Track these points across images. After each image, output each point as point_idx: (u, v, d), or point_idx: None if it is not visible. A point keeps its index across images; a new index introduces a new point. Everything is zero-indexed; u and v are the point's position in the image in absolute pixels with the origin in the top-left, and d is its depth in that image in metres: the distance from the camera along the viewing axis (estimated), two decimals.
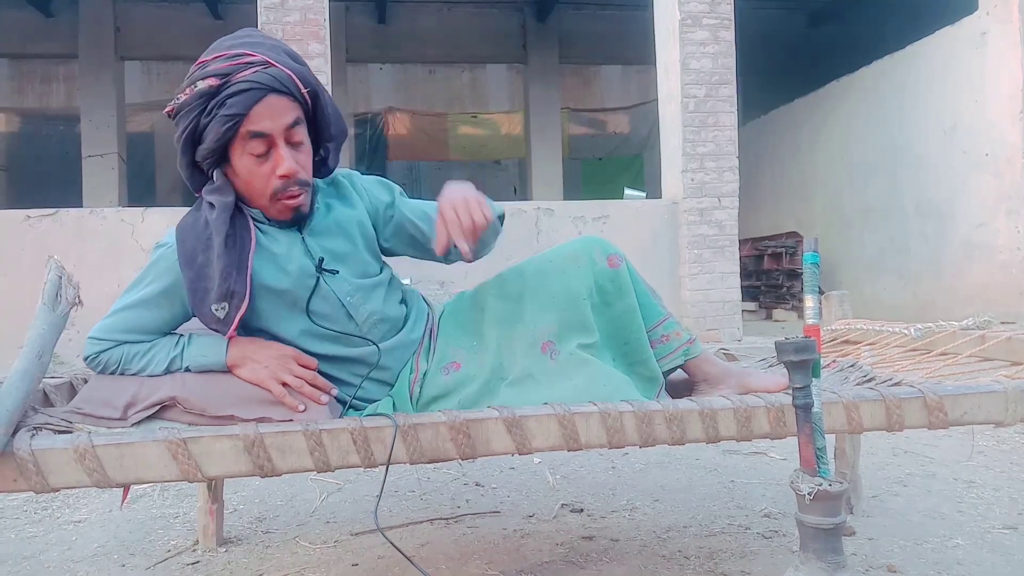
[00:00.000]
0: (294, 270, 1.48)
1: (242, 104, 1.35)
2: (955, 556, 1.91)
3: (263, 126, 1.37)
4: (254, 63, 1.37)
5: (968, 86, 6.75)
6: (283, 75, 1.37)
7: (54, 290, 1.34)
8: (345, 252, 1.55)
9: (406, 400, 1.56)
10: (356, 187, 1.65)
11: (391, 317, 1.60)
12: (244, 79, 1.35)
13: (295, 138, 1.41)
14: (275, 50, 1.42)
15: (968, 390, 1.48)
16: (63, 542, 2.16)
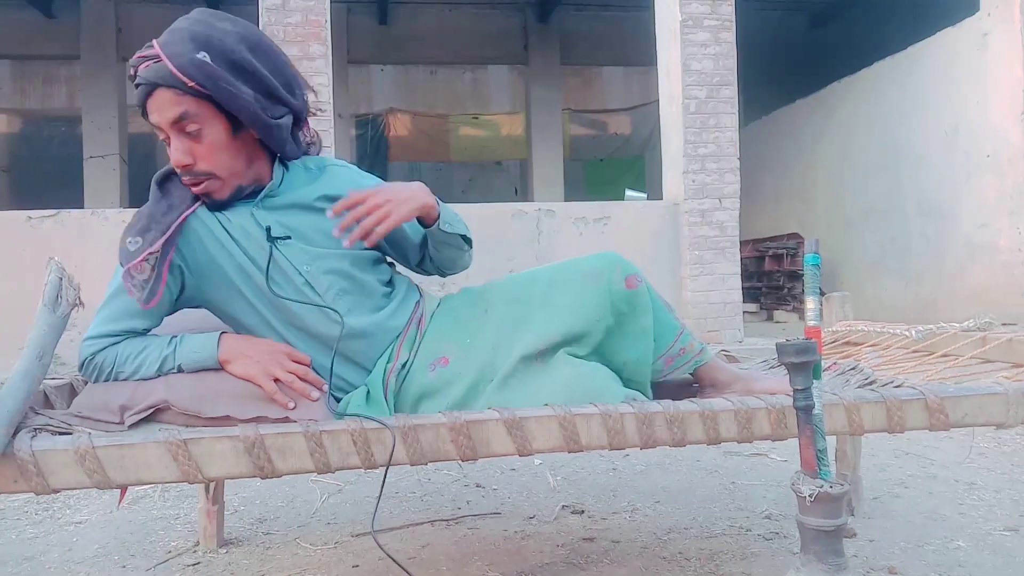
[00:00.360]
0: (246, 240, 1.49)
1: (138, 98, 1.42)
2: (956, 558, 1.90)
3: (153, 119, 1.42)
4: (148, 57, 1.40)
5: (970, 87, 6.75)
6: (164, 70, 1.37)
7: (55, 291, 1.34)
8: (306, 228, 1.53)
9: (379, 390, 1.51)
10: (345, 174, 1.65)
11: (364, 287, 1.56)
12: (139, 74, 1.40)
13: (188, 129, 1.41)
14: (183, 39, 1.40)
15: (969, 392, 1.48)
16: (64, 543, 2.16)
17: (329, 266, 1.52)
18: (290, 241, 1.50)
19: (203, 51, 1.38)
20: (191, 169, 1.43)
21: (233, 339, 1.46)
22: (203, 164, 1.44)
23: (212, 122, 1.43)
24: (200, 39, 1.40)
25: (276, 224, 1.51)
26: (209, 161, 1.44)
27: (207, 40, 1.40)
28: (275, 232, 1.49)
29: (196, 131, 1.42)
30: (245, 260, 1.49)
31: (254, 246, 1.49)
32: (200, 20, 1.44)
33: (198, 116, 1.41)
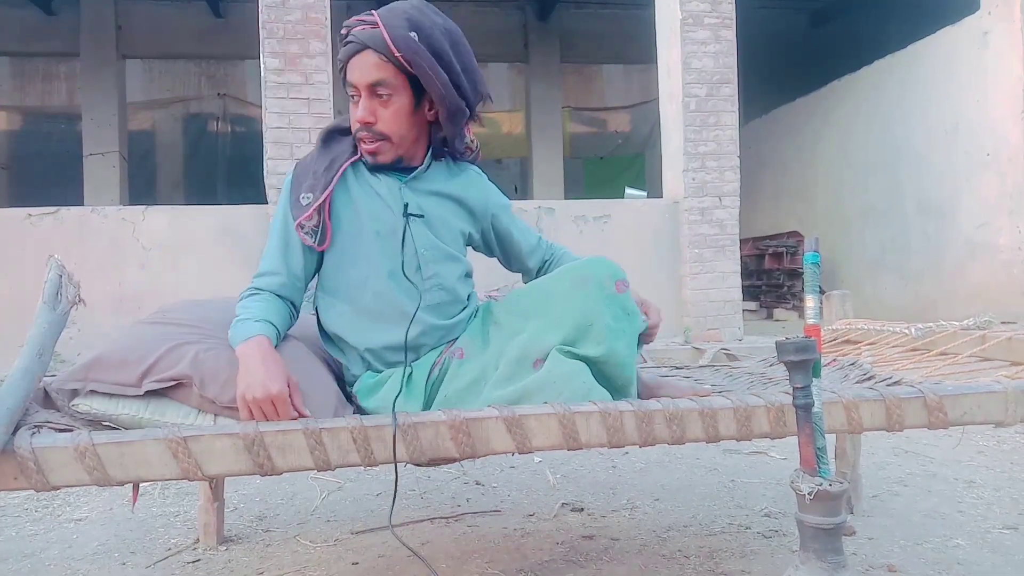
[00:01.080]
0: (384, 205, 1.63)
1: (344, 54, 1.59)
2: (955, 556, 1.90)
3: (352, 77, 1.58)
4: (366, 22, 1.56)
5: (970, 86, 6.74)
6: (378, 35, 1.53)
7: (54, 289, 1.34)
8: (435, 215, 1.68)
9: (424, 377, 1.60)
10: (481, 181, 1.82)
11: (454, 293, 1.69)
12: (352, 34, 1.57)
13: (380, 93, 1.57)
14: (398, 16, 1.56)
15: (968, 390, 1.48)
16: (64, 540, 2.17)
17: (439, 260, 1.66)
18: (421, 220, 1.64)
19: (414, 31, 1.55)
20: (371, 127, 1.59)
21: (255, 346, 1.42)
22: (382, 126, 1.59)
23: (401, 93, 1.58)
24: (414, 21, 1.56)
25: (414, 204, 1.65)
26: (388, 125, 1.59)
27: (419, 24, 1.57)
28: (412, 210, 1.64)
29: (387, 97, 1.57)
30: (377, 221, 1.62)
31: (388, 214, 1.63)
32: (417, 7, 1.61)
33: (392, 84, 1.56)
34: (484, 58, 12.18)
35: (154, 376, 1.39)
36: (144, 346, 1.44)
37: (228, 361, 1.42)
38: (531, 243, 1.89)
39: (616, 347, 1.51)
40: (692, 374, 2.20)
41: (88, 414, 1.40)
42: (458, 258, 1.72)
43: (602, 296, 1.52)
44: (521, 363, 1.51)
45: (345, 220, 1.63)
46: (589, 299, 1.51)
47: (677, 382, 1.76)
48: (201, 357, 1.42)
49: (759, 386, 1.85)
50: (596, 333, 1.50)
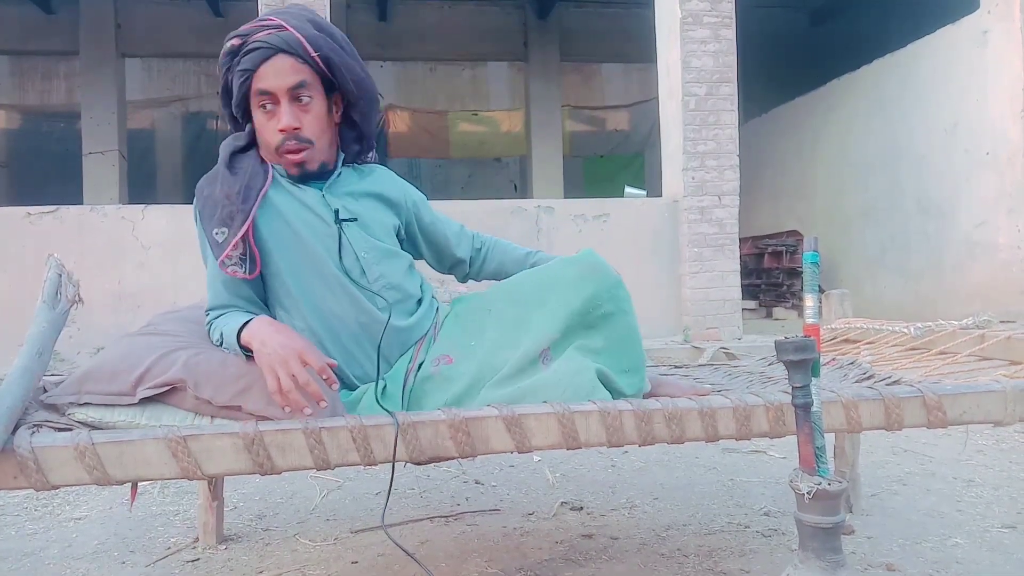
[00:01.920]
0: (315, 217, 1.58)
1: (251, 61, 1.49)
2: (954, 555, 1.91)
3: (268, 83, 1.50)
4: (270, 26, 1.51)
5: (969, 85, 6.74)
6: (292, 37, 1.49)
7: (54, 288, 1.34)
8: (363, 215, 1.63)
9: (399, 386, 1.56)
10: (394, 178, 1.78)
11: (404, 289, 1.65)
12: (257, 40, 1.49)
13: (301, 97, 1.52)
14: (298, 18, 1.54)
15: (967, 389, 1.48)
16: (63, 539, 2.17)
17: (381, 258, 1.63)
18: (355, 223, 1.60)
19: (319, 31, 1.54)
20: (298, 133, 1.53)
21: (259, 324, 1.43)
22: (308, 132, 1.54)
23: (319, 96, 1.56)
24: (314, 22, 1.56)
25: (343, 208, 1.60)
26: (312, 130, 1.55)
27: (320, 24, 1.56)
28: (342, 215, 1.59)
29: (308, 100, 1.53)
30: (310, 237, 1.57)
31: (321, 226, 1.58)
32: (307, 9, 1.60)
33: (312, 86, 1.53)
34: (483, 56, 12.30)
35: (147, 383, 1.38)
36: (135, 356, 1.43)
37: (221, 363, 1.42)
38: (455, 230, 1.86)
39: (623, 329, 1.53)
40: (691, 373, 2.20)
41: (85, 423, 1.40)
42: (398, 253, 1.69)
43: (609, 282, 1.52)
44: (528, 355, 1.50)
45: (278, 238, 1.56)
46: (599, 284, 1.51)
47: (677, 381, 1.76)
48: (193, 360, 1.41)
49: (758, 385, 1.85)
50: (603, 317, 1.51)
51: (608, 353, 1.52)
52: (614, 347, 1.53)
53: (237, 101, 1.56)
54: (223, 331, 1.48)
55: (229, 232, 1.48)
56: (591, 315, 1.51)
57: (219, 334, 1.50)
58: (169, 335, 1.53)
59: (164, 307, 1.65)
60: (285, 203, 1.58)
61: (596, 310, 1.51)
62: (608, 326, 1.52)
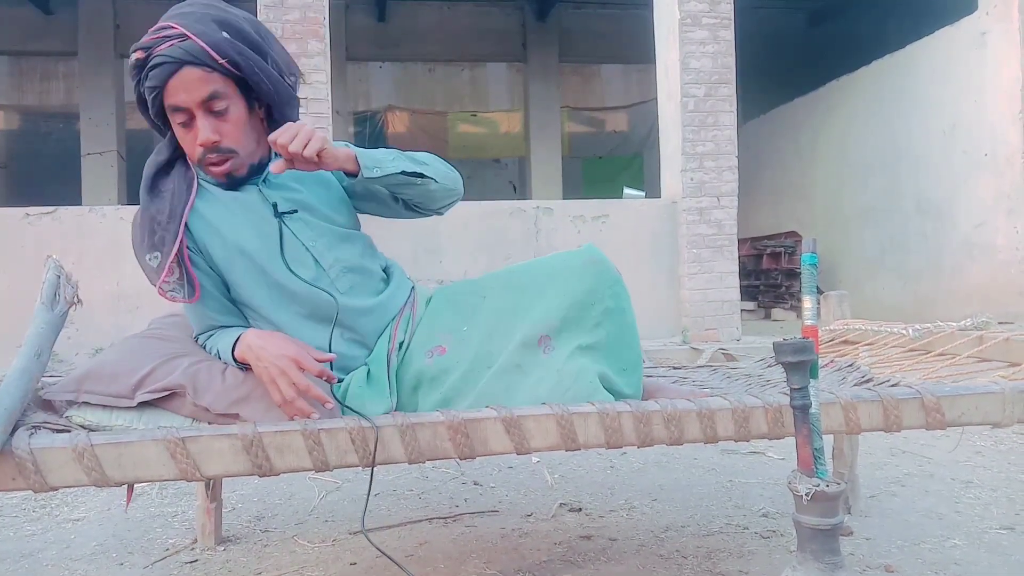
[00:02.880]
0: (254, 220, 1.51)
1: (158, 78, 1.40)
2: (952, 556, 1.91)
3: (179, 99, 1.42)
4: (171, 37, 1.39)
5: (968, 86, 6.75)
6: (195, 47, 1.39)
7: (52, 289, 1.34)
8: (309, 200, 1.56)
9: (383, 368, 1.53)
10: None
11: (365, 270, 1.60)
12: (160, 53, 1.39)
13: (216, 108, 1.43)
14: (202, 20, 1.42)
15: (965, 391, 1.49)
16: (61, 540, 2.17)
17: (334, 242, 1.56)
18: (297, 215, 1.53)
19: (224, 31, 1.42)
20: (218, 146, 1.45)
21: (250, 336, 1.43)
22: (228, 141, 1.46)
23: (236, 101, 1.47)
24: (218, 20, 1.43)
25: (282, 200, 1.54)
26: (234, 139, 1.47)
27: (225, 21, 1.44)
28: (282, 207, 1.53)
29: (224, 109, 1.44)
30: (252, 240, 1.51)
31: (262, 224, 1.52)
32: (208, 4, 1.47)
33: (226, 94, 1.44)
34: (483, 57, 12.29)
35: (147, 387, 1.38)
36: (136, 359, 1.43)
37: (221, 371, 1.43)
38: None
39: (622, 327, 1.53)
40: (690, 375, 2.20)
41: (82, 425, 1.40)
42: (351, 235, 1.62)
43: (610, 278, 1.52)
44: (526, 341, 1.49)
45: (219, 255, 1.51)
46: (600, 279, 1.51)
47: (675, 386, 1.75)
48: (193, 368, 1.42)
49: (757, 387, 1.85)
50: (604, 313, 1.51)
51: (607, 350, 1.52)
52: (613, 345, 1.53)
53: (154, 113, 1.48)
54: (219, 349, 1.48)
55: (161, 256, 1.42)
56: (591, 309, 1.50)
57: (215, 353, 1.50)
58: (170, 340, 1.54)
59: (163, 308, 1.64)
60: (219, 215, 1.51)
61: (596, 304, 1.50)
62: (607, 322, 1.52)
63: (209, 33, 1.40)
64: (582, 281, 1.51)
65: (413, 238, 5.54)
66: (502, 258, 5.57)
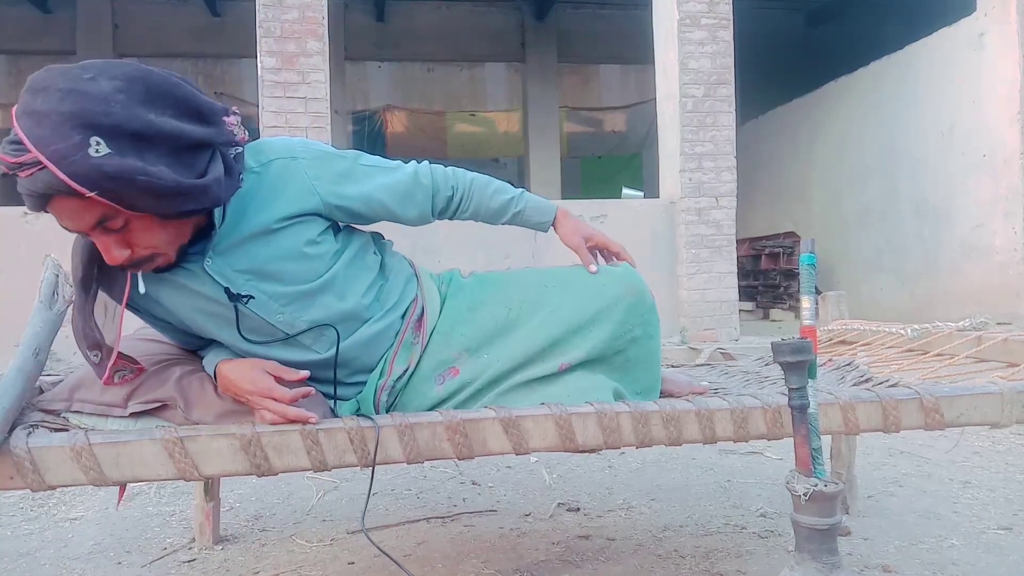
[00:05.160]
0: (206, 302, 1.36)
1: (32, 204, 1.15)
2: (950, 556, 1.91)
3: (67, 224, 1.18)
4: (26, 164, 1.09)
5: (966, 87, 6.75)
6: (54, 180, 1.08)
7: (51, 288, 1.34)
8: (267, 263, 1.36)
9: (370, 408, 1.47)
10: (295, 173, 1.39)
11: (344, 314, 1.43)
12: (21, 183, 1.11)
13: (113, 227, 1.18)
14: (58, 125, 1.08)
15: (964, 391, 1.49)
16: (59, 539, 2.16)
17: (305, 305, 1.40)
18: (254, 300, 1.36)
19: (92, 136, 1.09)
20: (132, 259, 1.23)
21: (227, 366, 1.37)
22: (141, 250, 1.23)
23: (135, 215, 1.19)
24: (82, 118, 1.08)
25: (236, 275, 1.34)
26: (147, 244, 1.23)
27: (90, 116, 1.09)
28: (236, 287, 1.34)
29: (122, 226, 1.19)
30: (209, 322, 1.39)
31: (214, 308, 1.37)
32: (69, 90, 1.10)
33: (119, 213, 1.16)
34: (481, 57, 12.28)
35: (139, 398, 1.38)
36: None
37: (213, 384, 1.41)
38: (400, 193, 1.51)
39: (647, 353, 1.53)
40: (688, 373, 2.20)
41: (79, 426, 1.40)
42: (326, 283, 1.40)
43: (644, 308, 1.52)
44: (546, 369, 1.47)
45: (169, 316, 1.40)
46: (635, 310, 1.50)
47: (676, 376, 1.76)
48: (185, 380, 1.40)
49: (755, 385, 1.85)
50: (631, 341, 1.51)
51: (626, 372, 1.53)
52: (633, 368, 1.54)
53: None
54: (203, 366, 1.45)
55: (102, 355, 1.29)
56: (621, 338, 1.50)
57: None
58: (162, 343, 1.52)
59: None
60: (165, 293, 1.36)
61: (627, 334, 1.51)
62: (633, 348, 1.52)
63: (70, 153, 1.07)
64: (615, 317, 1.49)
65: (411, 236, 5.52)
66: (501, 256, 5.57)
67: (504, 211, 1.63)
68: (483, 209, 1.63)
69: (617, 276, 1.54)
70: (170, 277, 1.34)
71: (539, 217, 1.65)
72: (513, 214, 1.64)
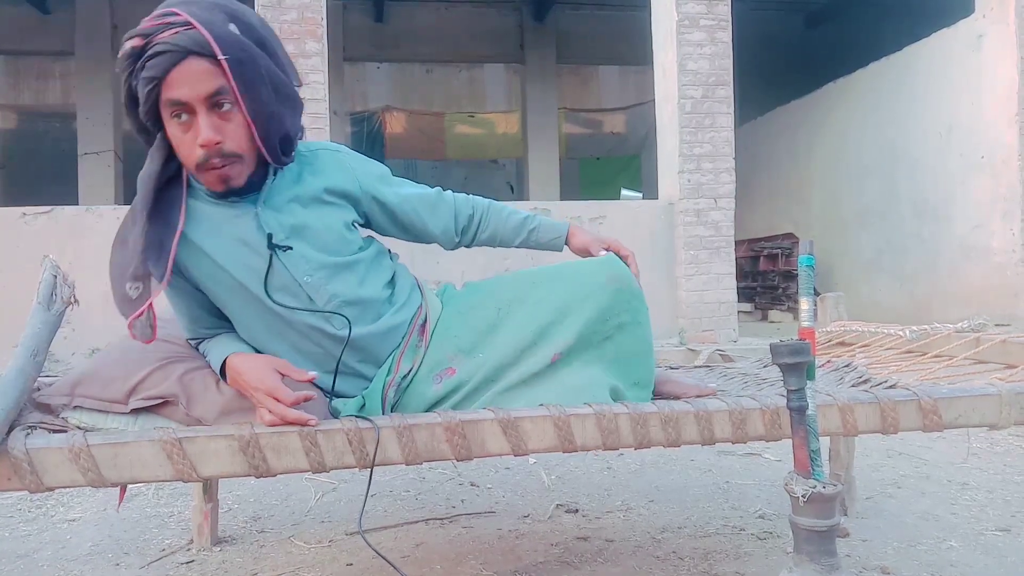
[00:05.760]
0: (243, 246, 1.41)
1: (158, 68, 1.25)
2: (948, 558, 1.91)
3: (180, 93, 1.27)
4: (175, 24, 1.25)
5: (965, 88, 6.76)
6: (201, 38, 1.25)
7: (49, 289, 1.34)
8: (309, 226, 1.45)
9: (377, 404, 1.48)
10: (342, 162, 1.54)
11: (363, 300, 1.49)
12: (162, 40, 1.25)
13: (222, 103, 1.30)
14: (210, 9, 1.29)
15: (962, 393, 1.49)
16: (57, 541, 2.16)
17: (331, 275, 1.45)
18: (291, 252, 1.42)
19: (232, 23, 1.29)
20: (221, 147, 1.31)
21: (234, 363, 1.38)
22: (232, 144, 1.32)
23: (237, 106, 1.32)
24: (227, 10, 1.31)
25: (280, 227, 1.42)
26: (237, 142, 1.33)
27: (233, 13, 1.32)
28: (278, 238, 1.41)
29: (229, 108, 1.31)
30: (240, 270, 1.41)
31: (251, 256, 1.41)
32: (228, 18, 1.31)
33: (230, 95, 1.30)
34: (480, 59, 12.29)
35: (141, 394, 1.37)
36: (131, 363, 1.41)
37: (215, 381, 1.42)
38: (429, 203, 1.64)
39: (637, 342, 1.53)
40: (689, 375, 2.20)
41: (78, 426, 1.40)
42: (352, 262, 1.49)
43: (630, 293, 1.52)
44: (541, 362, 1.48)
45: (207, 278, 1.43)
46: (619, 295, 1.50)
47: (681, 378, 1.75)
48: (188, 377, 1.40)
49: (753, 387, 1.85)
50: (618, 327, 1.50)
51: (619, 364, 1.52)
52: (625, 359, 1.53)
53: (146, 110, 1.32)
54: (210, 362, 1.45)
55: (142, 290, 1.32)
56: (607, 324, 1.50)
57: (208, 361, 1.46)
58: (167, 341, 1.52)
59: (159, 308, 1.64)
60: (208, 240, 1.40)
61: (612, 319, 1.50)
62: (620, 335, 1.51)
63: (217, 24, 1.27)
64: (599, 301, 1.49)
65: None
66: (499, 258, 5.57)
67: (520, 229, 1.72)
68: (501, 228, 1.72)
69: (601, 263, 1.56)
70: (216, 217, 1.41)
71: (553, 233, 1.73)
72: (529, 231, 1.73)
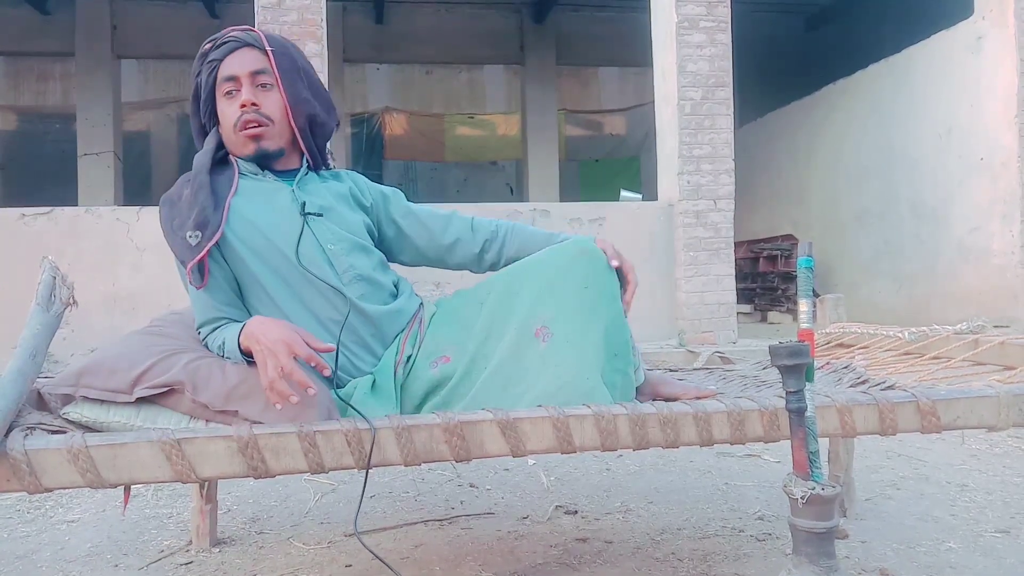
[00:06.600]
0: (280, 213, 1.62)
1: (220, 52, 1.65)
2: (948, 560, 1.91)
3: (232, 69, 1.63)
4: (239, 27, 1.69)
5: (964, 90, 6.77)
6: (255, 36, 1.66)
7: (48, 290, 1.33)
8: (336, 209, 1.68)
9: (390, 379, 1.57)
10: (357, 180, 1.82)
11: (376, 281, 1.67)
12: (230, 36, 1.66)
13: (261, 81, 1.64)
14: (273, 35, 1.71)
15: (961, 394, 1.49)
16: (56, 542, 2.16)
17: (350, 249, 1.64)
18: (321, 219, 1.63)
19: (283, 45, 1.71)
20: (257, 109, 1.62)
21: (253, 324, 1.43)
22: (266, 109, 1.63)
23: (277, 88, 1.66)
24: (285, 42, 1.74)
25: (311, 202, 1.64)
26: (271, 109, 1.64)
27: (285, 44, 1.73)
28: (309, 208, 1.62)
29: (266, 85, 1.64)
30: (275, 233, 1.58)
31: (285, 222, 1.61)
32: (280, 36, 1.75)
33: (271, 75, 1.65)
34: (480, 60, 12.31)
35: (146, 383, 1.38)
36: (136, 354, 1.43)
37: (221, 368, 1.43)
38: (441, 217, 1.84)
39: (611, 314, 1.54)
40: (686, 377, 2.20)
41: (79, 422, 1.40)
42: (369, 249, 1.70)
43: (600, 265, 1.55)
44: (523, 337, 1.50)
45: (247, 243, 1.58)
46: (590, 267, 1.54)
47: (678, 381, 1.76)
48: (194, 364, 1.42)
49: (752, 389, 1.86)
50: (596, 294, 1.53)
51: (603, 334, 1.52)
52: (607, 328, 1.53)
53: (205, 97, 1.67)
54: (225, 339, 1.48)
55: (203, 237, 1.50)
56: (585, 292, 1.52)
57: (220, 344, 1.49)
58: (171, 337, 1.54)
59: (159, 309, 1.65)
60: (251, 205, 1.61)
61: (591, 288, 1.53)
62: (602, 306, 1.53)
63: (275, 39, 1.69)
64: (574, 269, 1.54)
65: None
66: None
67: (548, 242, 1.77)
68: (528, 241, 1.81)
69: (569, 243, 1.62)
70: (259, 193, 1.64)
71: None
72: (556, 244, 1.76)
